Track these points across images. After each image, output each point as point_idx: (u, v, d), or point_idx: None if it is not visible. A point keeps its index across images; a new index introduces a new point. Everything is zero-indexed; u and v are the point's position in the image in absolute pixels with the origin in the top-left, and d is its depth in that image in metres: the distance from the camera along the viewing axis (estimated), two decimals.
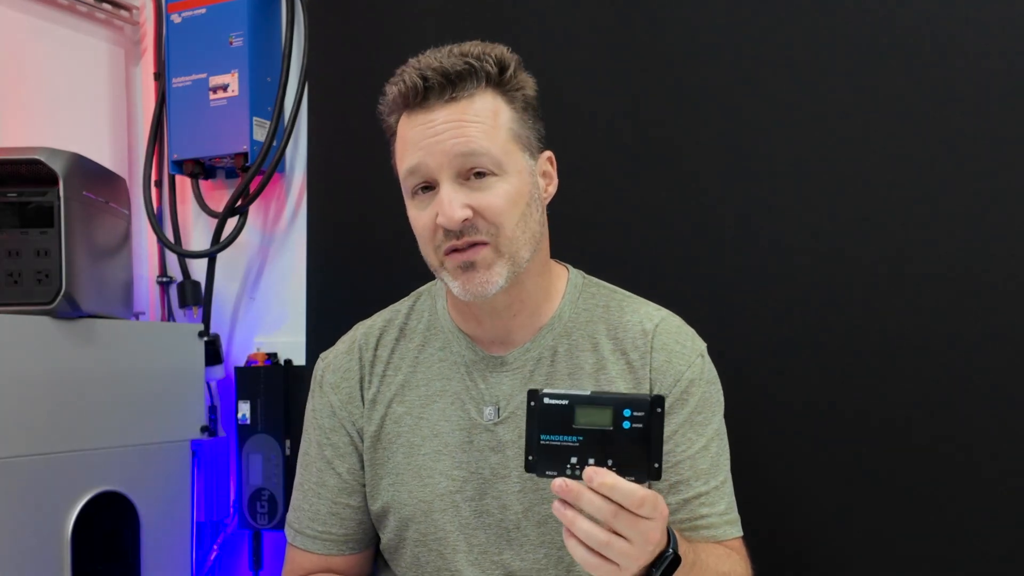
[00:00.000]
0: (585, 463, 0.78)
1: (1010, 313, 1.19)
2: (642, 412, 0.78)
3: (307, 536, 1.11)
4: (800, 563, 1.28)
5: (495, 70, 0.99)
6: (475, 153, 0.97)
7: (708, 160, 1.37)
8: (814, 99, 1.30)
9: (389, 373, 1.10)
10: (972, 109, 1.22)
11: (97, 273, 1.47)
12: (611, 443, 0.78)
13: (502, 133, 0.99)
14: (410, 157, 0.99)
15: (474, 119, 0.97)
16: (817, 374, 1.29)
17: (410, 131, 0.99)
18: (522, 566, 1.03)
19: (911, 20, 1.25)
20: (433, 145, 0.97)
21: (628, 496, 0.76)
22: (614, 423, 0.78)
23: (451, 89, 0.97)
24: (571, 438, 0.79)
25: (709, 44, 1.37)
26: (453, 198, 0.96)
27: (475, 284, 0.98)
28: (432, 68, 0.97)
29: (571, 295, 1.09)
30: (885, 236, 1.26)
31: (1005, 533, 1.19)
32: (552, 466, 0.79)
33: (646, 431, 0.78)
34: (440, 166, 0.97)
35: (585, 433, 0.78)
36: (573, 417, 0.79)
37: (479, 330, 1.08)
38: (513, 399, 1.05)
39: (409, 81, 0.98)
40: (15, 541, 1.29)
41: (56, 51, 1.84)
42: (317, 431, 1.12)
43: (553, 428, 0.79)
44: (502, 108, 1.00)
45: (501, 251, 0.98)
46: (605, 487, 0.76)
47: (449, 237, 0.98)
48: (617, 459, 0.78)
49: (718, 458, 1.04)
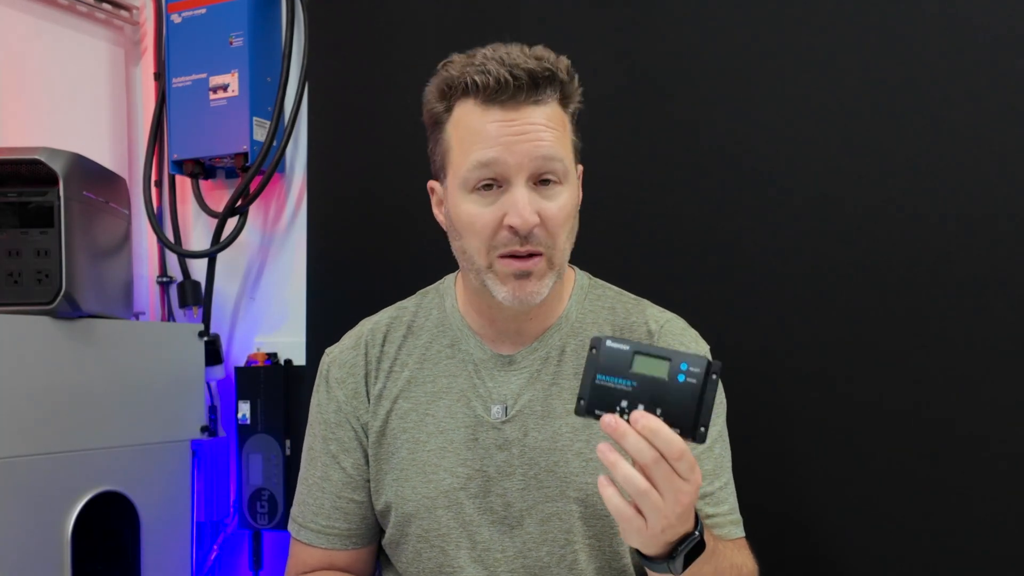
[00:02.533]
0: (635, 407, 0.78)
1: (1012, 313, 1.19)
2: (698, 369, 0.78)
3: (311, 531, 1.11)
4: (801, 564, 1.29)
5: (567, 79, 1.00)
6: (552, 158, 0.97)
7: (711, 162, 1.37)
8: (816, 99, 1.30)
9: (396, 369, 1.11)
10: (974, 109, 1.22)
11: (97, 273, 1.47)
12: (664, 394, 0.78)
13: (568, 142, 1.01)
14: (486, 151, 0.97)
15: (552, 125, 0.98)
16: (820, 376, 1.29)
17: (486, 124, 0.98)
18: (525, 563, 1.03)
19: (912, 20, 1.25)
20: (514, 144, 0.96)
21: (668, 443, 0.76)
22: (669, 375, 0.79)
23: (535, 92, 0.97)
24: (626, 382, 0.79)
25: (710, 44, 1.37)
26: (529, 200, 0.97)
27: (526, 293, 0.99)
28: (520, 67, 0.96)
29: (578, 296, 1.10)
30: (886, 236, 1.26)
31: (1006, 532, 1.19)
32: (603, 406, 0.79)
33: (699, 390, 0.78)
34: (519, 166, 0.97)
35: (640, 379, 0.79)
36: (631, 363, 0.79)
37: (490, 329, 1.08)
38: (520, 398, 1.06)
39: (497, 75, 0.96)
40: (15, 541, 1.29)
41: (56, 51, 1.84)
42: (322, 426, 1.12)
43: (610, 371, 0.80)
44: (565, 118, 1.02)
45: (553, 263, 1.00)
46: (648, 430, 0.76)
47: (513, 242, 0.98)
48: (666, 410, 0.78)
49: (722, 459, 1.06)
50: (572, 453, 1.03)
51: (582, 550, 1.03)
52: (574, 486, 1.02)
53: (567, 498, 1.02)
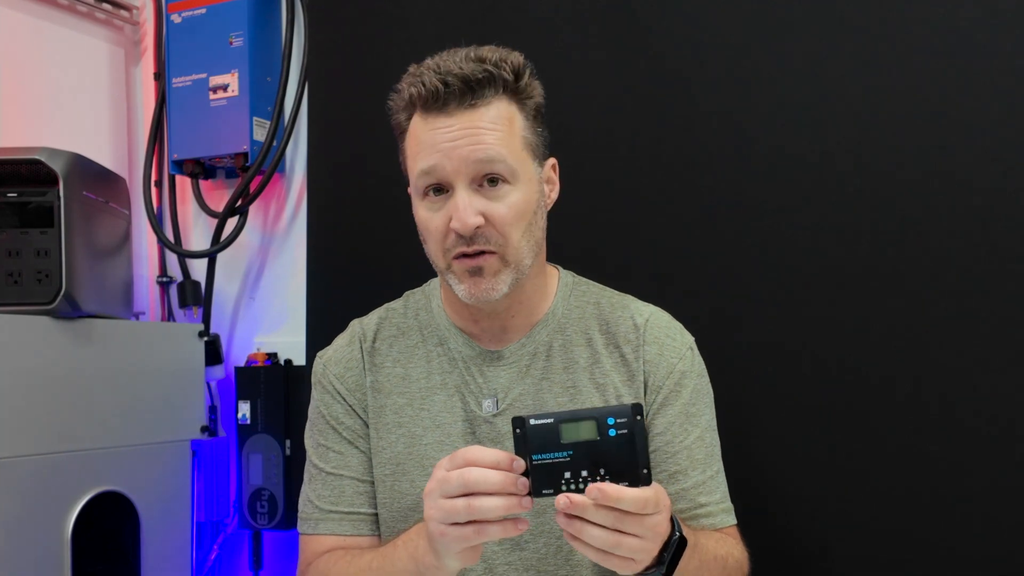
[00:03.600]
0: (578, 476, 0.80)
1: (1012, 313, 1.19)
2: (625, 418, 0.80)
3: (333, 520, 1.08)
4: (793, 555, 1.29)
5: (511, 77, 1.00)
6: (492, 160, 0.98)
7: (705, 160, 1.37)
8: (816, 101, 1.31)
9: (388, 365, 1.11)
10: (976, 109, 1.22)
11: (97, 273, 1.47)
12: (600, 453, 0.80)
13: (516, 141, 1.01)
14: (426, 159, 1.00)
15: (491, 126, 0.99)
16: (814, 371, 1.29)
17: (426, 133, 1.00)
18: (521, 555, 1.04)
19: (912, 20, 1.25)
20: (451, 150, 0.98)
21: (635, 503, 0.79)
22: (600, 433, 0.80)
23: (471, 96, 0.98)
24: (562, 454, 0.80)
25: (707, 43, 1.37)
26: (468, 204, 0.98)
27: (481, 290, 1.01)
28: (453, 73, 0.98)
29: (563, 293, 1.12)
30: (887, 236, 1.26)
31: (1005, 531, 1.19)
32: (547, 484, 0.80)
33: (631, 437, 0.80)
34: (457, 171, 0.98)
35: (574, 447, 0.80)
36: (560, 434, 0.81)
37: (476, 327, 1.09)
38: (511, 391, 1.07)
39: (429, 84, 0.98)
40: (15, 541, 1.29)
41: (56, 51, 1.84)
42: (329, 420, 1.11)
43: (543, 448, 0.81)
44: (516, 115, 1.01)
45: (507, 260, 1.01)
46: (611, 499, 0.78)
47: (460, 243, 1.00)
48: (608, 468, 0.80)
49: (712, 448, 1.07)
50: None
51: None
52: None
53: None
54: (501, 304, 1.05)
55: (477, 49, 1.01)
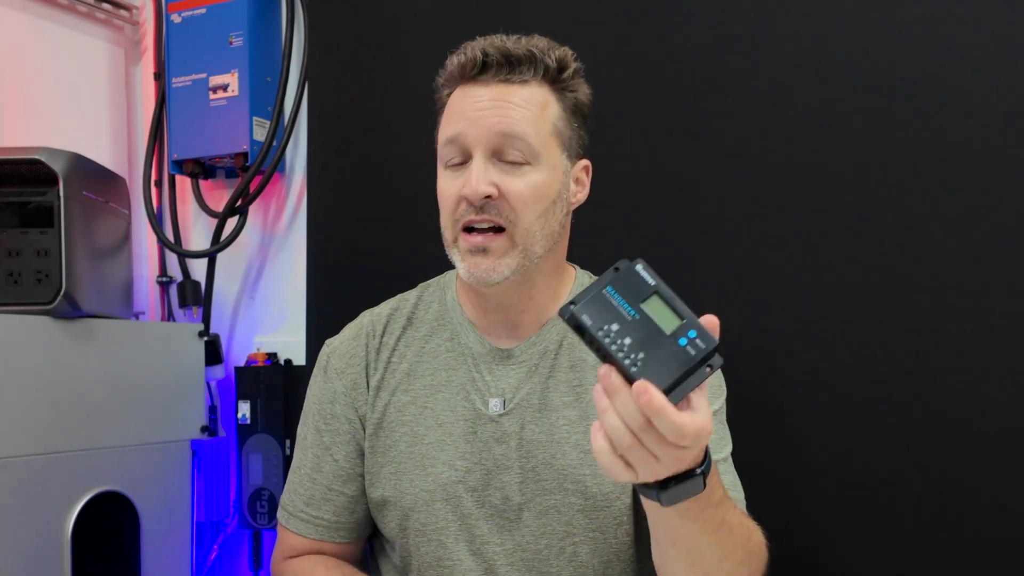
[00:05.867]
0: (621, 339, 0.71)
1: (1013, 312, 1.19)
2: (704, 345, 0.71)
3: (300, 520, 1.11)
4: (805, 557, 1.29)
5: (554, 66, 1.01)
6: (515, 135, 0.98)
7: (711, 162, 1.37)
8: (817, 101, 1.30)
9: (394, 360, 1.11)
10: (976, 109, 1.22)
11: (97, 273, 1.47)
12: (656, 345, 0.71)
13: (546, 125, 1.00)
14: (452, 127, 1.00)
15: (522, 104, 0.99)
16: (820, 373, 1.29)
17: (458, 102, 1.01)
18: (524, 556, 1.03)
19: (913, 21, 1.25)
20: (476, 119, 0.98)
21: (673, 431, 0.68)
22: (673, 332, 0.72)
23: (507, 70, 0.99)
24: (630, 310, 0.73)
25: (711, 46, 1.37)
26: (482, 172, 0.97)
27: (481, 270, 0.99)
28: (495, 46, 0.99)
29: (577, 291, 1.10)
30: (887, 236, 1.26)
31: (1005, 530, 1.19)
32: (592, 315, 0.72)
33: (689, 362, 0.71)
34: (478, 140, 0.98)
35: (644, 318, 0.72)
36: (646, 299, 0.73)
37: (485, 321, 1.08)
38: (519, 391, 1.06)
39: (470, 54, 1.00)
40: (15, 541, 1.29)
41: (56, 51, 1.84)
42: (318, 416, 1.12)
43: (622, 292, 0.73)
44: (552, 102, 1.01)
45: (515, 241, 0.99)
46: (651, 408, 0.68)
47: (469, 211, 0.99)
48: (647, 360, 0.71)
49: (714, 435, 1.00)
50: (570, 445, 1.03)
51: (584, 543, 1.03)
52: (572, 478, 1.02)
53: (565, 490, 1.02)
54: (509, 297, 1.04)
55: (531, 37, 1.02)
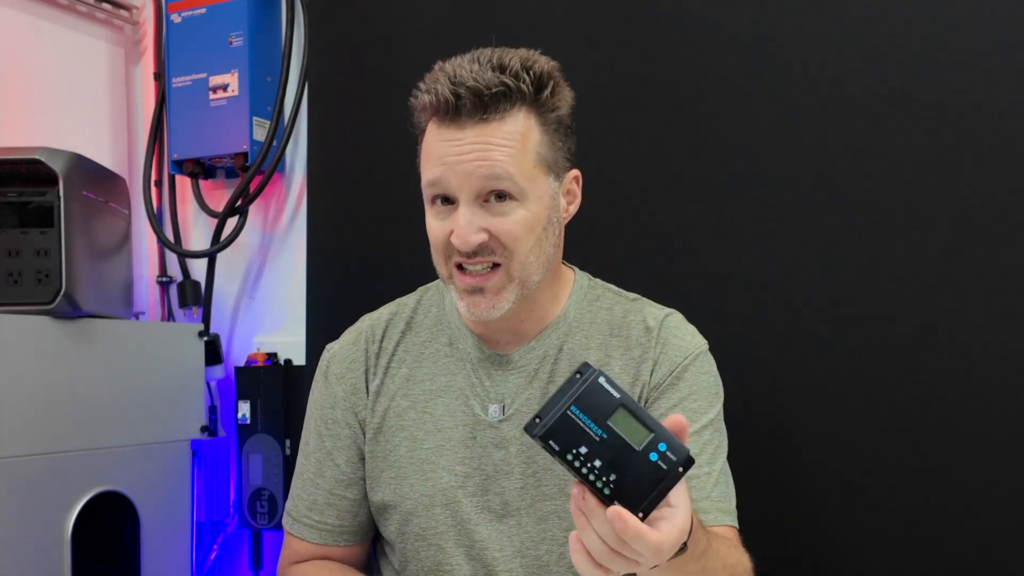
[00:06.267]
0: (591, 462, 0.72)
1: (1013, 312, 1.19)
2: (674, 458, 0.72)
3: (304, 525, 1.12)
4: (800, 561, 1.29)
5: (531, 90, 0.96)
6: (498, 177, 0.95)
7: (712, 163, 1.37)
8: (817, 102, 1.30)
9: (393, 365, 1.11)
10: (977, 109, 1.22)
11: (97, 273, 1.47)
12: (627, 462, 0.72)
13: (529, 157, 0.97)
14: (432, 169, 0.98)
15: (502, 142, 0.95)
16: (820, 375, 1.29)
17: (436, 143, 0.98)
18: (523, 562, 1.03)
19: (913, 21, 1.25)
20: (456, 164, 0.95)
21: (652, 550, 0.71)
22: (643, 447, 0.72)
23: (483, 110, 0.94)
24: (597, 430, 0.72)
25: (711, 45, 1.37)
26: (470, 221, 0.96)
27: (481, 309, 0.99)
28: (466, 85, 0.94)
29: (577, 296, 1.10)
30: (887, 237, 1.26)
31: (1004, 529, 1.19)
32: (559, 439, 0.72)
33: (662, 478, 0.72)
34: (460, 185, 0.96)
35: (612, 436, 0.72)
36: (612, 414, 0.73)
37: (485, 329, 1.08)
38: (518, 397, 1.06)
39: (441, 95, 0.94)
40: (15, 541, 1.29)
41: (56, 51, 1.84)
42: (319, 421, 1.12)
43: (588, 410, 0.73)
44: (533, 129, 0.97)
45: (512, 275, 0.99)
46: (627, 534, 0.70)
47: (460, 253, 0.98)
48: (620, 479, 0.72)
49: (708, 446, 1.04)
50: None
51: None
52: (572, 483, 1.02)
53: (565, 496, 1.02)
54: (509, 312, 1.03)
55: (503, 53, 0.97)
